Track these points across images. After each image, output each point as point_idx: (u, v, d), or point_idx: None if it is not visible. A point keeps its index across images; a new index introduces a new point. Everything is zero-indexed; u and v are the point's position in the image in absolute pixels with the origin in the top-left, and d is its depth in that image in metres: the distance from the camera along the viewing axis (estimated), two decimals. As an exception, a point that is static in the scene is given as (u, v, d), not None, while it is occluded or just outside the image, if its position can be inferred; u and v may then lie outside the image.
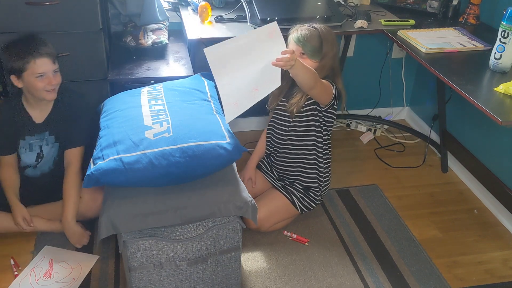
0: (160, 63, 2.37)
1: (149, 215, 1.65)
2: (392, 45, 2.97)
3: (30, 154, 2.12)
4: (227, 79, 1.72)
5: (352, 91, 3.10)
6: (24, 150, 2.10)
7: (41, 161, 2.14)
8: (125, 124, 1.81)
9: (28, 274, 1.97)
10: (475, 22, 2.51)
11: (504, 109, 1.77)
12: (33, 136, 2.09)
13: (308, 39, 1.99)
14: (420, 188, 2.65)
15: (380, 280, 2.04)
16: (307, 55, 2.01)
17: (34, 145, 2.11)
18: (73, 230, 2.06)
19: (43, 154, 2.13)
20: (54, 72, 1.97)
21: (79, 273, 1.99)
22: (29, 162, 2.13)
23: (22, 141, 2.09)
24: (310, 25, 2.04)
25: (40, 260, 2.04)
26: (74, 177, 2.07)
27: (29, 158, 2.12)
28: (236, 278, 1.88)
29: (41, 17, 2.05)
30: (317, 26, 2.03)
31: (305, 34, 1.99)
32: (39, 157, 2.13)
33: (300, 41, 2.00)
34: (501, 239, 2.33)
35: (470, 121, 2.65)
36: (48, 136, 2.11)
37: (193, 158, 1.67)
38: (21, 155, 2.11)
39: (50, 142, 2.12)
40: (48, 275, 1.97)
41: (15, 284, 1.93)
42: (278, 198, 2.22)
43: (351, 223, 2.35)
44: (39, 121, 2.09)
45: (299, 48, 2.00)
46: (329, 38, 2.03)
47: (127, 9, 2.37)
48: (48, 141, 2.12)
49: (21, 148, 2.10)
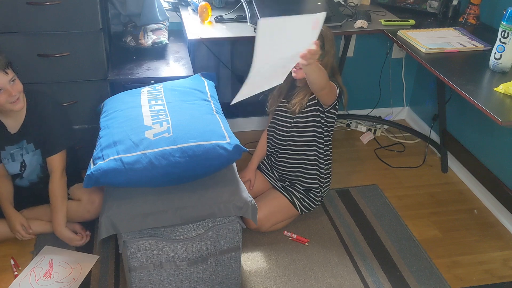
0: (160, 63, 2.37)
1: (149, 215, 1.65)
2: (392, 45, 2.97)
3: (14, 164, 2.07)
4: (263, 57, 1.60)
5: (352, 91, 3.10)
6: (7, 160, 2.06)
7: (24, 171, 2.09)
8: (125, 124, 1.81)
9: (28, 274, 1.97)
10: (475, 22, 2.51)
11: (504, 109, 1.76)
12: (13, 145, 2.04)
13: None
14: (420, 188, 2.65)
15: (380, 280, 2.04)
16: None
17: (15, 154, 2.05)
18: (64, 236, 2.06)
19: (26, 163, 2.08)
20: (11, 82, 1.86)
21: (79, 273, 1.99)
22: (14, 172, 2.09)
23: (2, 151, 2.04)
24: None
25: (40, 260, 2.04)
26: (58, 184, 2.04)
27: (13, 168, 2.08)
28: (236, 278, 1.88)
29: (41, 17, 2.05)
30: None
31: None
32: (22, 167, 2.08)
33: None
34: (501, 239, 2.33)
35: (470, 121, 2.65)
36: (26, 145, 2.05)
37: (193, 158, 1.67)
38: (5, 165, 2.07)
39: (30, 150, 2.06)
40: (48, 275, 1.97)
41: (15, 284, 1.93)
42: (278, 199, 2.22)
43: (351, 223, 2.35)
44: (14, 131, 2.02)
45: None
46: (329, 37, 2.04)
47: (127, 9, 2.37)
48: (28, 150, 2.06)
49: (4, 159, 2.05)
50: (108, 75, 2.24)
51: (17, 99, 1.90)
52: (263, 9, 2.32)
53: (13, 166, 2.07)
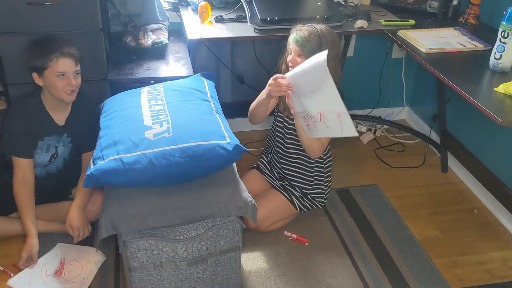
0: (160, 63, 2.37)
1: (149, 215, 1.65)
2: (392, 45, 2.97)
3: (45, 155, 2.12)
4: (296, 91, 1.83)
5: (352, 91, 3.10)
6: (41, 151, 2.10)
7: (54, 160, 2.15)
8: (125, 124, 1.81)
9: (39, 268, 1.98)
10: (475, 22, 2.51)
11: (504, 109, 1.77)
12: (51, 137, 2.10)
13: (307, 39, 1.97)
14: (420, 188, 2.65)
15: (380, 280, 2.04)
16: (305, 56, 1.98)
17: (51, 146, 2.11)
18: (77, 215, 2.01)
19: (58, 155, 2.14)
20: (75, 73, 1.98)
21: (89, 271, 1.99)
22: (41, 162, 2.13)
23: (40, 142, 2.08)
24: (311, 25, 2.02)
25: (52, 257, 2.04)
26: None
27: (42, 158, 2.12)
28: (236, 278, 1.88)
29: (41, 17, 2.05)
30: (318, 27, 2.01)
31: (303, 35, 1.97)
32: (53, 157, 2.14)
33: (299, 41, 1.98)
34: (501, 239, 2.33)
35: (470, 121, 2.65)
36: (65, 138, 2.13)
37: (193, 158, 1.67)
38: (36, 155, 2.10)
39: (66, 143, 2.14)
40: (59, 274, 1.97)
41: (26, 274, 1.94)
42: (278, 198, 2.22)
43: (351, 223, 2.36)
44: (61, 123, 2.10)
45: (297, 49, 1.99)
46: (329, 38, 2.00)
47: (127, 9, 2.37)
48: (64, 142, 2.14)
49: (39, 149, 2.09)
50: (108, 75, 2.24)
51: (72, 91, 1.99)
52: (263, 9, 2.32)
53: (44, 156, 2.12)
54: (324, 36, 1.98)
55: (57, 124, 2.09)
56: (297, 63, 1.93)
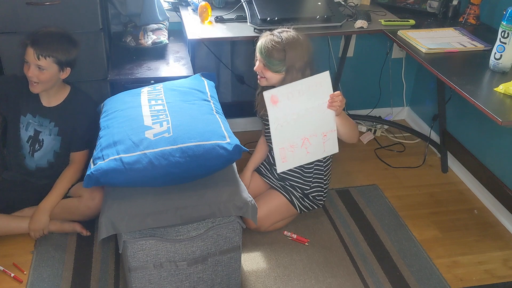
0: (160, 63, 2.38)
1: (149, 215, 1.65)
2: (392, 45, 2.97)
3: (25, 133, 2.13)
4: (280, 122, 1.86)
5: (352, 91, 3.10)
6: (22, 126, 2.13)
7: (40, 149, 2.14)
8: (125, 124, 1.81)
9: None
10: (475, 22, 2.51)
11: (504, 109, 1.76)
12: (35, 117, 2.11)
13: (269, 51, 1.88)
14: (420, 188, 2.65)
15: (380, 280, 2.04)
16: (268, 69, 1.93)
17: (30, 125, 2.12)
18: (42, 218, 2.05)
19: (43, 143, 2.14)
20: (37, 67, 1.97)
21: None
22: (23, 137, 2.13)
23: (22, 117, 2.11)
24: (280, 32, 1.92)
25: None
26: (72, 173, 2.13)
27: (22, 134, 2.13)
28: (236, 278, 1.88)
29: (41, 17, 2.05)
30: (284, 36, 1.89)
31: (266, 45, 1.89)
32: (36, 143, 2.14)
33: (262, 52, 1.92)
34: (501, 239, 2.33)
35: (470, 121, 2.65)
36: (53, 127, 2.12)
37: (193, 158, 1.67)
38: (19, 130, 2.13)
39: (53, 133, 2.14)
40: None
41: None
42: (277, 198, 2.21)
43: (351, 223, 2.35)
44: (47, 105, 2.12)
45: (261, 58, 1.94)
46: (297, 48, 1.88)
47: (127, 9, 2.37)
48: (51, 132, 2.13)
49: (21, 123, 2.13)
50: (108, 75, 2.24)
51: (35, 83, 2.00)
52: (263, 9, 2.32)
53: (23, 133, 2.13)
54: (290, 46, 1.89)
55: (43, 105, 2.11)
56: (262, 73, 1.97)
